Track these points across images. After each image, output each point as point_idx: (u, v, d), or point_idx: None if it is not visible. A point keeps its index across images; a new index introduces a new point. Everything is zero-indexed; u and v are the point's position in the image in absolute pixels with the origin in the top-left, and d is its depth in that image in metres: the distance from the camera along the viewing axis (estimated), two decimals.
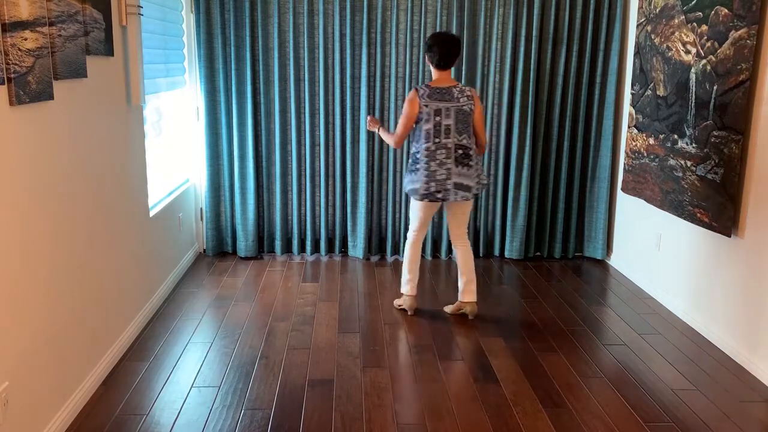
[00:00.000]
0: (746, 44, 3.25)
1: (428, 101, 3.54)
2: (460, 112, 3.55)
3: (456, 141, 3.54)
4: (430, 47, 3.58)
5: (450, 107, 3.53)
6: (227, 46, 4.63)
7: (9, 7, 2.13)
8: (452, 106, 3.54)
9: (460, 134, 3.55)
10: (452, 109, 3.53)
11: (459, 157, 3.55)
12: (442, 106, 3.53)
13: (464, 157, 3.56)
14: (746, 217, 3.33)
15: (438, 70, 3.61)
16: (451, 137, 3.53)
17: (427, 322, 3.79)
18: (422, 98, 3.55)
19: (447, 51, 3.54)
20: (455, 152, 3.54)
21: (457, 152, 3.55)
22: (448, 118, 3.52)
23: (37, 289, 2.43)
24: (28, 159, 2.37)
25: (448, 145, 3.53)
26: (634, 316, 3.94)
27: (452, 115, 3.53)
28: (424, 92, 3.56)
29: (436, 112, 3.53)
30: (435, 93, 3.55)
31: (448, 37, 3.55)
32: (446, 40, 3.54)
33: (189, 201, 4.79)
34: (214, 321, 3.74)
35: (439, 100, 3.54)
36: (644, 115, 4.28)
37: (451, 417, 2.78)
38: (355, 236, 4.96)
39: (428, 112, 3.54)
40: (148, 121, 3.93)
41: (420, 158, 3.58)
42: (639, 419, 2.79)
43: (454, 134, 3.54)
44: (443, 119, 3.52)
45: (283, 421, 2.73)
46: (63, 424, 2.61)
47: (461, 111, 3.56)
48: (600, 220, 4.92)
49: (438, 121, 3.53)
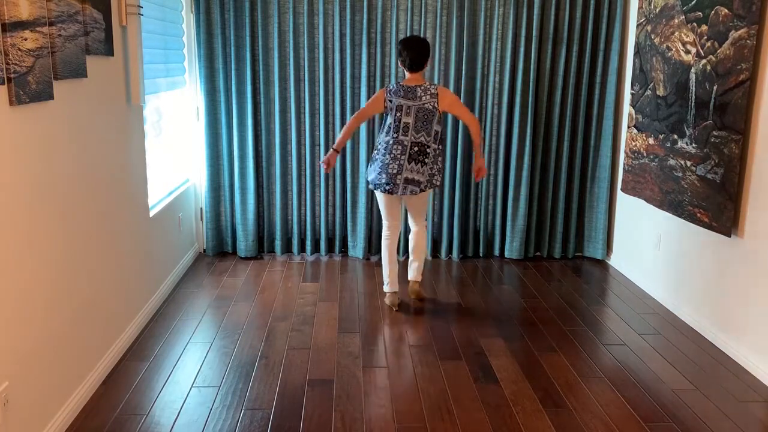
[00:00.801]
0: (746, 44, 3.25)
1: (393, 97, 3.75)
2: (421, 111, 3.71)
3: (413, 139, 3.72)
4: (400, 52, 3.75)
5: (411, 106, 3.71)
6: (227, 46, 4.63)
7: (9, 7, 2.13)
8: (413, 104, 3.71)
9: (418, 132, 3.72)
10: (413, 108, 3.71)
11: (414, 153, 3.72)
12: (404, 104, 3.72)
13: (419, 154, 3.72)
14: (746, 217, 3.33)
15: (410, 72, 3.78)
16: (408, 135, 3.71)
17: (427, 321, 3.80)
18: (389, 93, 3.76)
19: (417, 54, 3.71)
20: (411, 149, 3.71)
21: (413, 149, 3.71)
22: (408, 116, 3.71)
23: (37, 289, 2.43)
24: (28, 159, 2.37)
25: (404, 142, 3.71)
26: (634, 316, 3.94)
27: (412, 114, 3.71)
28: (392, 89, 3.77)
29: (398, 108, 3.73)
30: (401, 90, 3.74)
31: (417, 41, 3.72)
32: (415, 45, 3.71)
33: (189, 201, 4.79)
34: (214, 321, 3.74)
35: (403, 98, 3.72)
36: (644, 115, 4.28)
37: (451, 417, 2.78)
38: (355, 236, 4.96)
39: (391, 108, 3.75)
40: (148, 121, 3.93)
41: (379, 149, 3.79)
42: (639, 419, 2.79)
43: (412, 132, 3.71)
44: (403, 116, 3.71)
45: (283, 421, 2.73)
46: (63, 424, 2.61)
47: (422, 109, 3.72)
48: (600, 220, 4.92)
49: (398, 117, 3.72)
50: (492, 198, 4.97)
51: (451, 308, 4.01)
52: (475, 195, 4.95)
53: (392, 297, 3.95)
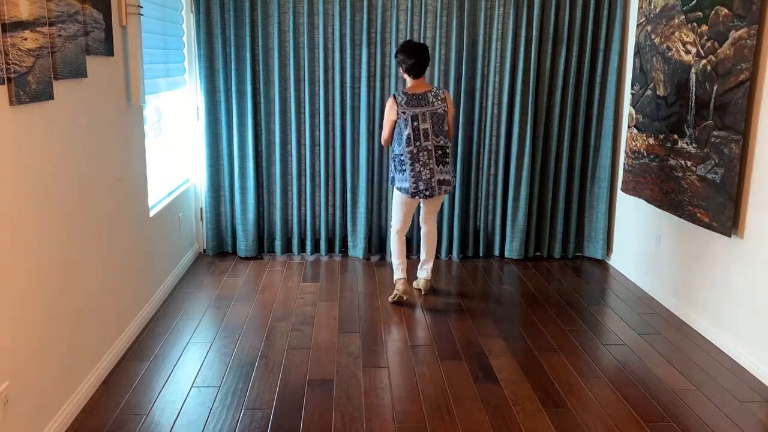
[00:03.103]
0: (746, 44, 3.25)
1: (405, 108, 3.80)
2: (435, 115, 3.81)
3: (435, 143, 3.83)
4: (403, 60, 3.79)
5: (426, 111, 3.79)
6: (227, 46, 4.63)
7: (9, 7, 2.13)
8: (428, 110, 3.80)
9: (437, 136, 3.83)
10: (428, 114, 3.79)
11: (439, 157, 3.84)
12: (418, 112, 3.79)
13: (443, 156, 3.86)
14: (746, 217, 3.33)
15: (412, 79, 3.83)
16: (430, 140, 3.81)
17: (427, 321, 3.80)
18: (400, 105, 3.81)
19: (419, 60, 3.79)
20: (435, 153, 3.83)
21: (437, 153, 3.84)
22: (425, 122, 3.79)
23: (37, 289, 2.43)
24: (28, 159, 2.37)
25: (428, 147, 3.81)
26: (634, 316, 3.94)
27: (428, 119, 3.79)
28: (401, 99, 3.81)
29: (413, 118, 3.78)
30: (412, 99, 3.80)
31: (418, 47, 3.77)
32: (417, 51, 3.76)
33: (189, 201, 4.79)
34: (214, 321, 3.74)
35: (416, 106, 3.79)
36: (644, 115, 4.28)
37: (451, 417, 2.78)
38: (355, 236, 4.96)
39: (406, 119, 3.79)
40: (148, 121, 3.93)
41: (405, 160, 3.85)
42: (639, 419, 2.79)
43: (432, 137, 3.82)
44: (420, 124, 3.79)
45: (283, 421, 2.73)
46: (63, 424, 2.61)
47: (436, 114, 3.81)
48: (600, 220, 4.92)
49: (416, 126, 3.79)
50: (492, 198, 4.97)
51: (451, 308, 4.01)
52: (475, 195, 4.95)
53: (404, 285, 4.01)
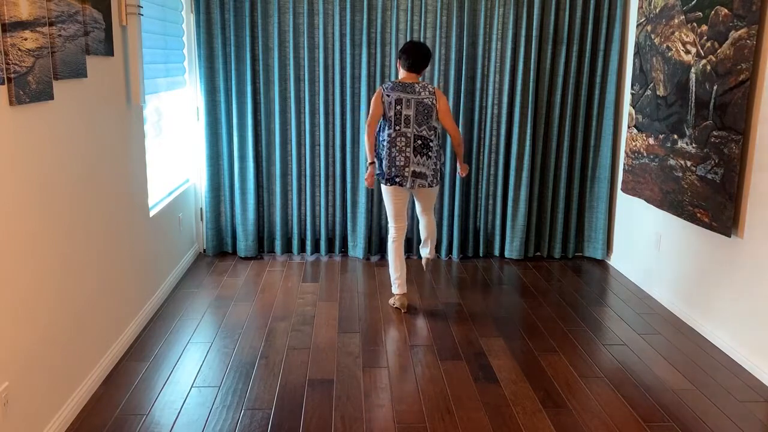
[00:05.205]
0: (746, 44, 3.25)
1: (390, 92, 3.78)
2: (421, 104, 3.76)
3: (415, 131, 3.77)
4: (404, 58, 3.80)
5: (411, 98, 3.76)
6: (227, 46, 4.63)
7: (9, 7, 2.13)
8: (413, 98, 3.76)
9: (420, 125, 3.77)
10: (412, 101, 3.75)
11: (418, 147, 3.78)
12: (403, 97, 3.76)
13: (423, 147, 3.78)
14: (746, 217, 3.33)
15: (407, 72, 3.83)
16: (410, 127, 3.76)
17: (427, 321, 3.80)
18: (385, 90, 3.78)
19: (419, 59, 3.79)
20: (414, 142, 3.77)
21: (416, 142, 3.77)
22: (408, 108, 3.75)
23: (37, 289, 2.43)
24: (28, 159, 2.37)
25: (407, 134, 3.76)
26: (634, 316, 3.94)
27: (412, 106, 3.75)
28: (388, 86, 3.80)
29: (396, 102, 3.75)
30: (398, 86, 3.78)
31: (423, 48, 3.81)
32: (419, 51, 3.79)
33: (189, 201, 4.79)
34: (214, 321, 3.74)
35: (401, 92, 3.77)
36: (644, 115, 4.28)
37: (451, 417, 2.78)
38: (355, 236, 4.96)
39: (389, 102, 3.76)
40: (148, 121, 3.93)
41: (384, 144, 3.82)
42: (639, 419, 2.79)
43: (414, 125, 3.76)
44: (403, 109, 3.75)
45: (283, 421, 2.73)
46: (63, 424, 2.61)
47: (421, 103, 3.77)
48: (600, 220, 4.92)
49: (398, 110, 3.75)
50: (492, 198, 4.97)
51: (451, 308, 4.01)
52: (475, 195, 4.95)
53: (402, 299, 3.93)
